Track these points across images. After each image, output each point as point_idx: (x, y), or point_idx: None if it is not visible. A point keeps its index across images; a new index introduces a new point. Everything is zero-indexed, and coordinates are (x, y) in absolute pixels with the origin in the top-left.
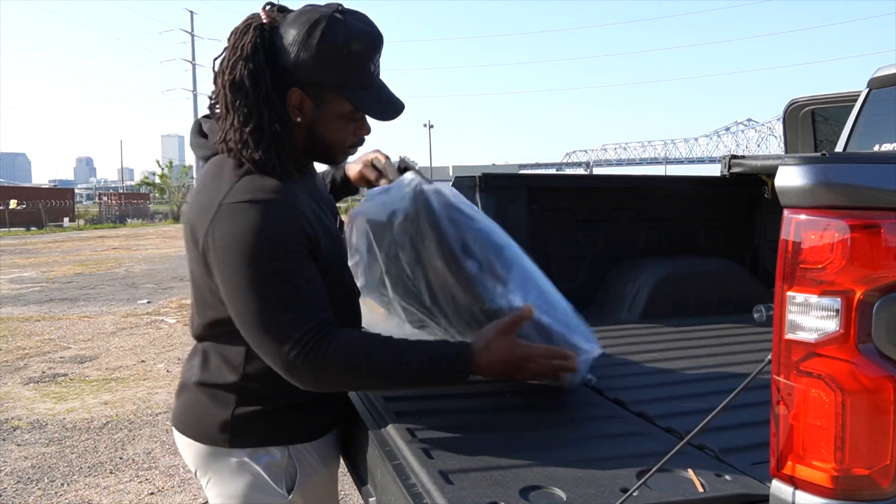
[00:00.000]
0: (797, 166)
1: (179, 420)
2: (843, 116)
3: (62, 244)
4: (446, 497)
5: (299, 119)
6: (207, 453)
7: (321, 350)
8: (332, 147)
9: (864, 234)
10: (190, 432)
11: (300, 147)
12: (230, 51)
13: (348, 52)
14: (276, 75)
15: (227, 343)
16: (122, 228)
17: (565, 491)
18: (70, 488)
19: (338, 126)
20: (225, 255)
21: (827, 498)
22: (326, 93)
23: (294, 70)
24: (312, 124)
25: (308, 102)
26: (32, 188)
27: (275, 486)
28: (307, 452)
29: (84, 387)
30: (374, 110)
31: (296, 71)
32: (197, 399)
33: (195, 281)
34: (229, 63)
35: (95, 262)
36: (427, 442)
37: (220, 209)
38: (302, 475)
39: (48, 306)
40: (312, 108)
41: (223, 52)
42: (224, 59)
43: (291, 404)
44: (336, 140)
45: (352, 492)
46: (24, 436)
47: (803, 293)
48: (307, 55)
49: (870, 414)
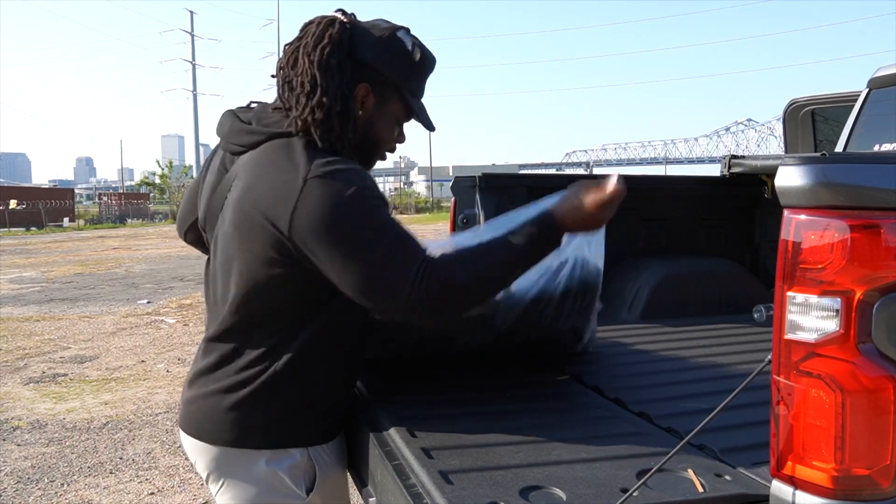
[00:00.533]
0: (797, 166)
1: (193, 425)
2: (843, 116)
3: (62, 244)
4: (446, 497)
5: (360, 113)
6: (224, 457)
7: (439, 275)
8: (379, 145)
9: (864, 234)
10: (206, 437)
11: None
12: (316, 38)
13: (417, 60)
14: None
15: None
16: (122, 228)
17: (565, 491)
18: (70, 488)
19: (389, 127)
20: (329, 222)
21: (827, 498)
22: (391, 92)
23: (369, 66)
24: (370, 120)
25: (372, 98)
26: (32, 188)
27: (294, 488)
28: (324, 453)
29: (84, 387)
30: (424, 118)
31: (371, 67)
32: (216, 402)
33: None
34: (317, 48)
35: (95, 263)
36: (427, 442)
37: (308, 184)
38: (321, 475)
39: (48, 306)
40: (374, 105)
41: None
42: (308, 44)
43: (310, 404)
44: (384, 139)
45: (352, 492)
46: (24, 436)
47: (803, 293)
48: (385, 53)
49: (870, 414)
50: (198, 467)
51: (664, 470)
